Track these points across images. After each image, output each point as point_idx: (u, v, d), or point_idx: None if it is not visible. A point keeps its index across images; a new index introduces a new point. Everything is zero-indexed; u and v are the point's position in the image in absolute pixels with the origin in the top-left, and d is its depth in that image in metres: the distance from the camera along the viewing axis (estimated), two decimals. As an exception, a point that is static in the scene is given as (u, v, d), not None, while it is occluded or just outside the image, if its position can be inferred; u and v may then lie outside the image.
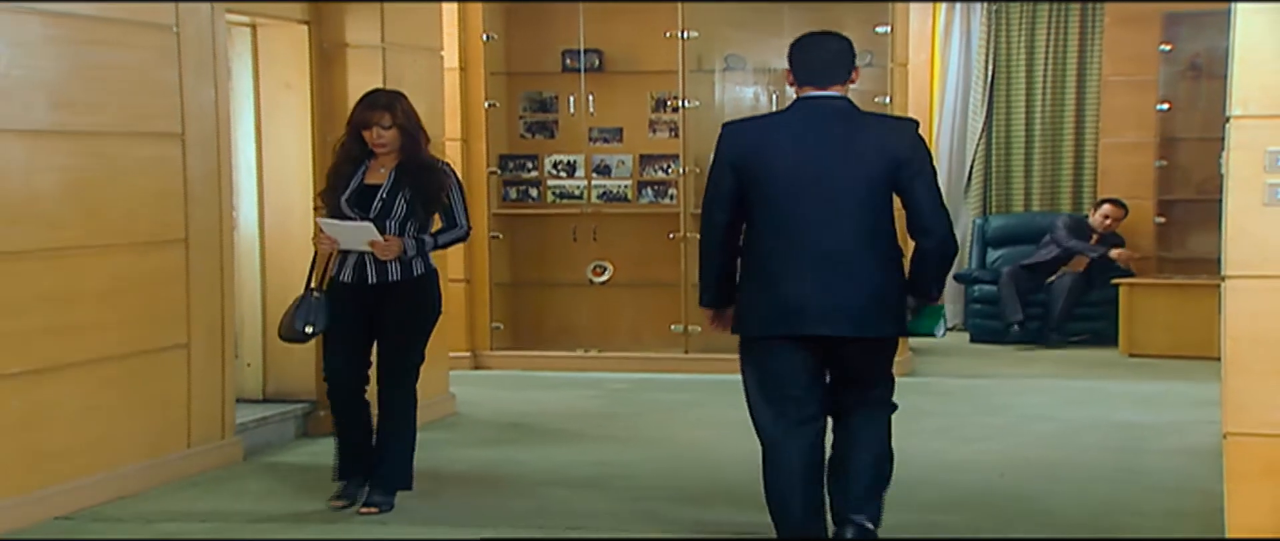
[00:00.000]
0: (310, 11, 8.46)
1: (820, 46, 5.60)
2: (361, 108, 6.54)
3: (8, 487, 6.25)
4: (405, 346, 6.62)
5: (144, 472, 6.96)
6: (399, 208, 6.47)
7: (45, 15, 6.42)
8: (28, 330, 6.31)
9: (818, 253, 5.35)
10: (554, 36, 11.38)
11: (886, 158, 5.38)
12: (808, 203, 5.37)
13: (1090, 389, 10.18)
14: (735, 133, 5.58)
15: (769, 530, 6.29)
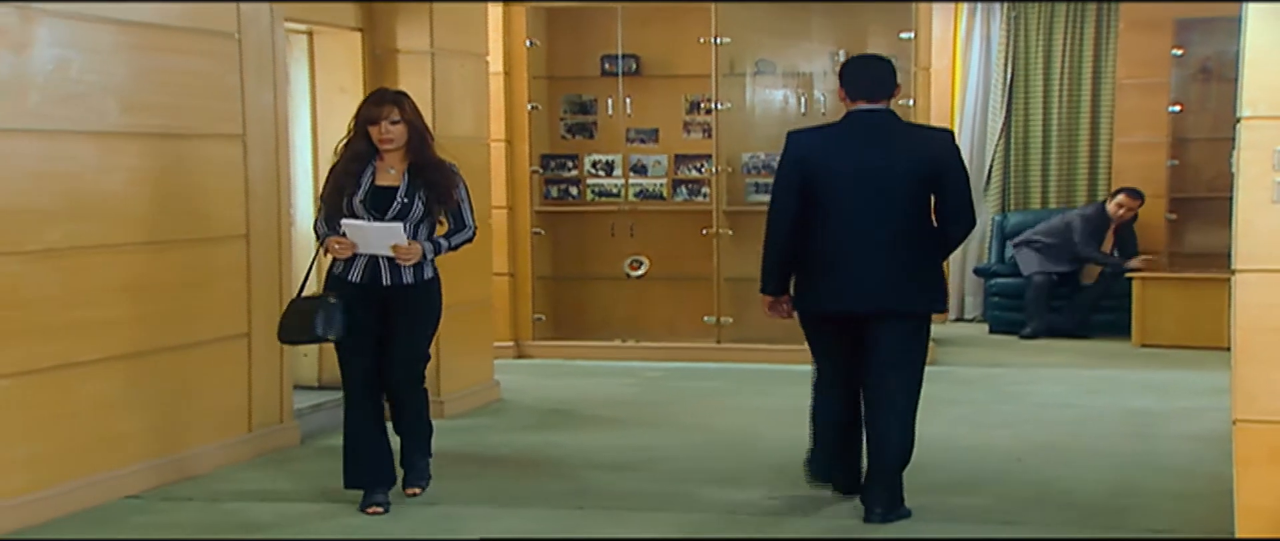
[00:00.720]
0: (363, 19, 8.49)
1: (869, 67, 6.31)
2: (369, 104, 6.29)
3: (83, 468, 6.32)
4: (418, 347, 6.42)
5: (209, 455, 7.02)
6: (417, 209, 6.22)
7: (117, 24, 6.46)
8: (101, 320, 6.38)
9: (869, 242, 6.03)
10: (593, 42, 11.40)
11: (926, 163, 6.10)
12: (860, 200, 6.04)
13: (1104, 377, 10.17)
14: (799, 139, 6.25)
15: (799, 510, 6.36)
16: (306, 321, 6.12)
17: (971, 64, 13.48)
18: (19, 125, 6.02)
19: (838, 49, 11.22)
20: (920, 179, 6.06)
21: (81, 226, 6.29)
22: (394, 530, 6.03)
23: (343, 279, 6.23)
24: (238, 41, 7.24)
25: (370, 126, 6.18)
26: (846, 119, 6.23)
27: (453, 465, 7.39)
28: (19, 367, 5.96)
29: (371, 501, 6.25)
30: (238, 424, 7.28)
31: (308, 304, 6.20)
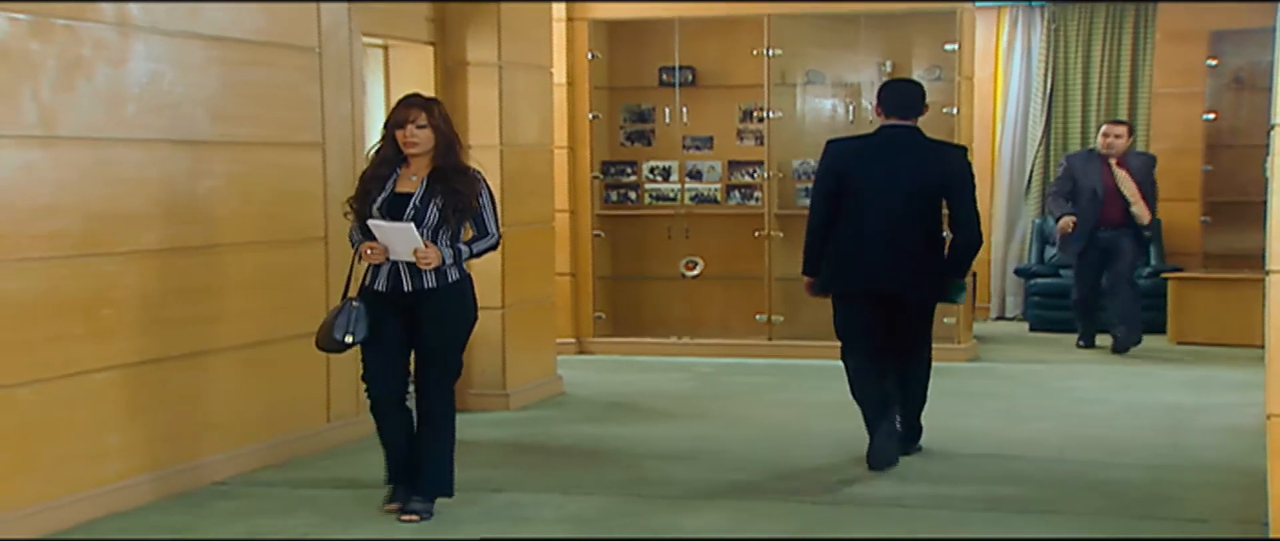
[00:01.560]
0: (435, 33, 8.54)
1: (903, 90, 7.15)
2: (398, 107, 5.94)
3: (175, 456, 6.41)
4: (443, 354, 5.96)
5: (289, 444, 7.10)
6: (431, 215, 5.81)
7: (207, 39, 6.54)
8: (191, 317, 6.46)
9: (888, 237, 6.84)
10: (652, 54, 11.44)
11: (940, 175, 6.95)
12: (883, 202, 6.85)
13: (1141, 373, 10.13)
14: (835, 147, 7.21)
15: (847, 499, 6.39)
16: (328, 327, 5.85)
17: (1013, 73, 13.44)
18: (117, 134, 6.10)
19: (884, 60, 11.23)
20: (933, 188, 6.93)
21: (173, 229, 6.37)
22: (465, 515, 6.07)
23: (370, 287, 5.91)
24: (318, 55, 7.29)
25: (397, 130, 5.86)
26: (879, 132, 7.05)
27: (519, 454, 7.47)
28: (117, 361, 6.05)
29: (397, 498, 6.04)
30: (316, 415, 7.35)
31: (332, 310, 5.95)
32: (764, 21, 10.98)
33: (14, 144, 5.63)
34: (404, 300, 5.85)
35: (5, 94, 5.57)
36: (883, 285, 6.88)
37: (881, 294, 6.89)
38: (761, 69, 11.05)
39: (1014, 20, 13.40)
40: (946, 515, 6.07)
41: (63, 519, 5.85)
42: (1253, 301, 11.52)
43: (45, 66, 5.74)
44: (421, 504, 5.94)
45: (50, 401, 5.81)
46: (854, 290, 6.95)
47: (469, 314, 6.04)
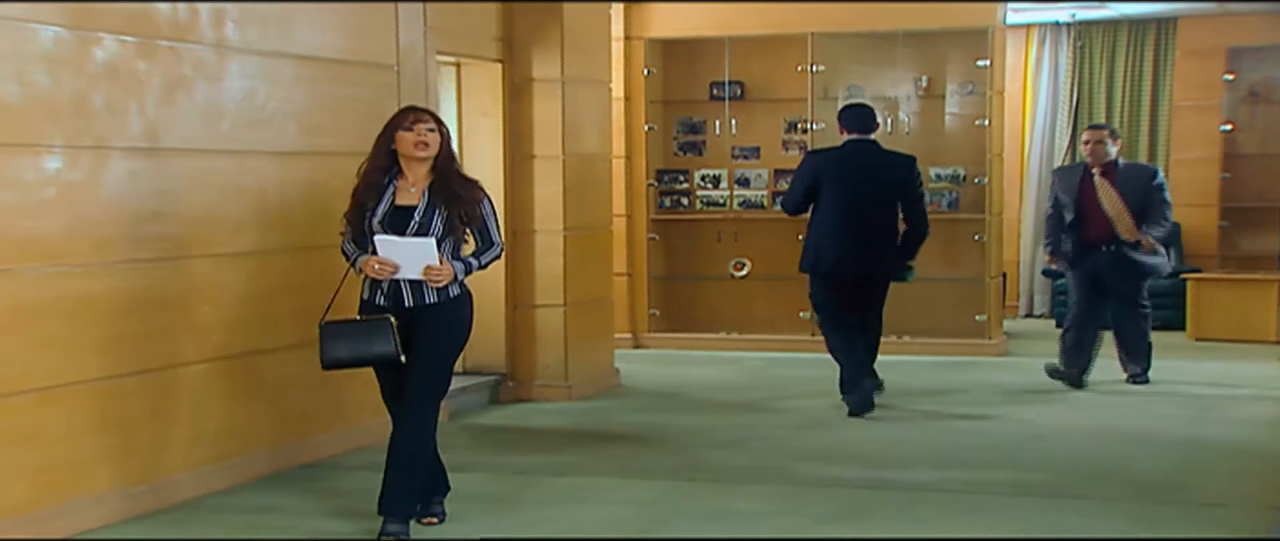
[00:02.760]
0: (504, 52, 8.61)
1: (861, 112, 8.32)
2: (404, 113, 5.44)
3: (267, 440, 6.49)
4: (438, 367, 5.43)
5: (373, 429, 7.09)
6: (436, 227, 5.31)
7: (296, 58, 6.62)
8: (279, 312, 6.52)
9: (855, 229, 7.99)
10: (703, 70, 11.48)
11: (896, 180, 8.14)
12: (850, 201, 8.00)
13: (1161, 367, 10.04)
14: (814, 156, 8.41)
15: (886, 484, 6.39)
16: (364, 343, 5.30)
17: (1041, 88, 13.41)
18: (214, 146, 6.18)
19: (921, 75, 11.23)
20: (890, 191, 8.10)
21: (264, 233, 6.45)
22: (528, 497, 6.12)
23: (370, 302, 5.39)
24: (397, 73, 7.36)
25: (404, 133, 5.32)
26: (846, 145, 8.17)
27: (580, 441, 7.52)
28: (214, 354, 6.14)
29: (387, 530, 5.32)
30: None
31: (368, 327, 5.32)
32: (808, 40, 11.01)
33: (122, 155, 5.72)
34: (405, 315, 5.33)
35: (115, 109, 5.67)
36: (851, 267, 8.06)
37: (850, 274, 8.06)
38: (805, 84, 11.08)
39: (1042, 38, 13.36)
40: (980, 499, 6.07)
41: (167, 497, 5.95)
42: (1268, 300, 11.55)
43: (151, 84, 5.83)
44: (436, 507, 5.62)
45: (154, 390, 5.91)
46: (828, 270, 8.07)
47: (465, 329, 5.51)
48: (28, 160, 5.30)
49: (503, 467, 6.77)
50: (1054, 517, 5.72)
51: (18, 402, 5.27)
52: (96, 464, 5.63)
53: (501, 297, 8.76)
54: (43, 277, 5.37)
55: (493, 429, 7.86)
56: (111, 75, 5.64)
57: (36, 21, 5.30)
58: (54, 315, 5.42)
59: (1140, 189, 8.86)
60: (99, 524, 5.60)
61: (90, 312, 5.59)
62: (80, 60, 5.50)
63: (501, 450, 7.27)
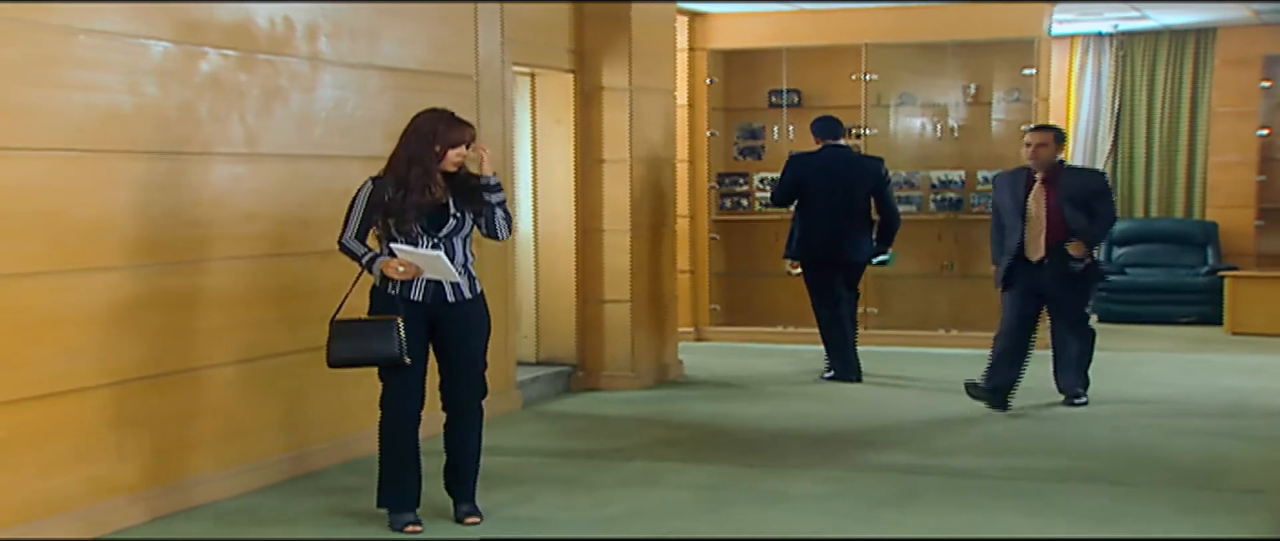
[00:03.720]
0: (575, 63, 8.65)
1: (831, 121, 9.03)
2: (451, 124, 5.16)
3: (361, 424, 6.45)
4: (482, 361, 5.30)
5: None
6: (465, 224, 5.20)
7: (382, 70, 6.68)
8: (364, 306, 6.59)
9: (836, 222, 8.78)
10: (762, 79, 11.48)
11: (869, 178, 8.89)
12: (830, 198, 8.77)
13: (1199, 360, 9.99)
14: (797, 159, 9.02)
15: (934, 469, 6.38)
16: (373, 343, 5.05)
17: (1084, 94, 13.30)
18: (308, 152, 6.26)
19: (969, 83, 11.19)
20: (864, 188, 8.83)
21: None
22: (600, 481, 6.14)
23: (402, 297, 5.13)
24: (476, 83, 7.41)
25: (452, 150, 5.10)
26: (823, 149, 8.92)
27: (647, 428, 7.54)
28: (305, 345, 6.17)
29: (407, 520, 5.22)
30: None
31: (374, 327, 5.08)
32: (862, 50, 10.99)
33: (224, 160, 5.82)
34: (438, 311, 5.15)
35: (218, 118, 5.76)
36: (834, 253, 8.85)
37: (834, 261, 8.85)
38: (860, 91, 11.05)
39: (1086, 48, 13.25)
40: (1024, 485, 6.05)
41: (272, 474, 6.05)
42: (1302, 297, 11.31)
43: (250, 94, 5.92)
44: (472, 506, 5.36)
45: (251, 378, 6.00)
46: (816, 259, 8.89)
47: (488, 322, 5.37)
48: (139, 165, 5.41)
49: (574, 452, 6.82)
50: (1096, 502, 5.69)
51: (130, 389, 5.38)
52: (204, 445, 5.74)
53: (573, 293, 8.81)
54: (149, 274, 5.47)
55: (565, 416, 7.91)
56: (215, 86, 5.73)
57: (148, 37, 5.40)
58: (160, 308, 5.52)
59: (1084, 195, 7.59)
60: (213, 499, 5.71)
61: (194, 306, 5.69)
62: (187, 72, 5.60)
63: (573, 436, 7.31)
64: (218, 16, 5.74)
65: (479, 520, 5.33)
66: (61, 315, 5.08)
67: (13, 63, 4.86)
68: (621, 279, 8.81)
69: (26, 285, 4.95)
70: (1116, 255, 12.76)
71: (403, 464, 5.23)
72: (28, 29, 4.92)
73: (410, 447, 5.24)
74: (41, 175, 4.99)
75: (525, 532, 5.29)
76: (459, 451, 5.33)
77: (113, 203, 5.30)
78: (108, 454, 5.30)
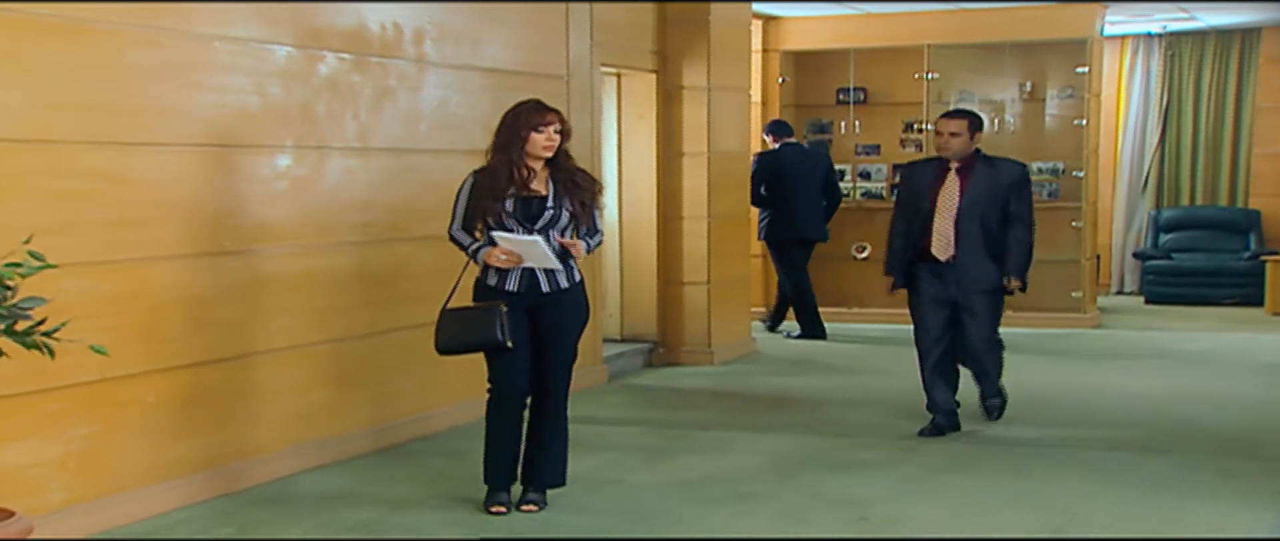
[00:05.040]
0: (658, 63, 8.67)
1: (783, 123, 10.08)
2: (533, 110, 4.91)
3: (452, 396, 6.55)
4: (573, 349, 5.05)
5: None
6: (563, 216, 4.91)
7: (482, 71, 6.72)
8: (466, 287, 6.65)
9: (802, 207, 9.79)
10: (831, 78, 11.42)
11: (822, 168, 9.95)
12: (796, 185, 9.75)
13: (1241, 339, 9.82)
14: (763, 157, 9.81)
15: (990, 440, 6.33)
16: (478, 329, 4.83)
17: (1134, 91, 13.10)
18: (414, 146, 6.32)
19: (1025, 81, 11.07)
20: (823, 175, 9.88)
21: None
22: (677, 447, 6.16)
23: (499, 288, 4.93)
24: (567, 82, 7.45)
25: (535, 133, 4.85)
26: (782, 147, 9.87)
27: (722, 400, 7.56)
28: (411, 323, 6.26)
29: (497, 500, 4.99)
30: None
31: (478, 313, 4.88)
32: (924, 51, 10.90)
33: (339, 154, 5.90)
34: (536, 300, 4.93)
35: (334, 115, 5.85)
36: (805, 233, 9.86)
37: (804, 239, 9.85)
38: (922, 89, 10.96)
39: (1135, 47, 13.04)
40: (1076, 453, 6.00)
41: (386, 438, 6.14)
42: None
43: (363, 94, 6.00)
44: (537, 494, 5.06)
45: (362, 353, 6.08)
46: (792, 238, 9.83)
47: (587, 312, 5.11)
48: (264, 159, 5.51)
49: (656, 422, 6.85)
50: (1143, 470, 5.64)
51: (254, 361, 5.48)
52: (322, 413, 5.84)
53: (654, 275, 8.84)
54: (274, 256, 5.56)
55: (647, 389, 7.94)
56: (331, 87, 5.81)
57: (273, 42, 5.50)
58: (283, 288, 5.61)
59: (1000, 190, 6.28)
60: (329, 460, 5.80)
61: (312, 286, 5.78)
62: (307, 74, 5.68)
63: (654, 407, 7.35)
64: (335, 23, 5.82)
65: (536, 509, 4.99)
66: (194, 294, 5.19)
67: (156, 67, 4.97)
68: (699, 262, 8.82)
69: (165, 267, 5.06)
70: (1163, 240, 12.59)
71: (502, 445, 5.01)
72: (170, 36, 5.03)
73: (511, 430, 5.01)
74: (178, 168, 5.10)
75: (609, 496, 5.32)
76: (536, 437, 5.07)
77: (240, 193, 5.39)
78: (235, 420, 5.41)
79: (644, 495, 5.31)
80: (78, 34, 4.66)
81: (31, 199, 4.47)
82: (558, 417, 5.07)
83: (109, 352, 3.99)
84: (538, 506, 5.02)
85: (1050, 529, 4.77)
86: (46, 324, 3.75)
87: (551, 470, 5.07)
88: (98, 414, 4.78)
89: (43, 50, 4.54)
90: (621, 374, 8.31)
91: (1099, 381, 7.99)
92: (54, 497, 4.63)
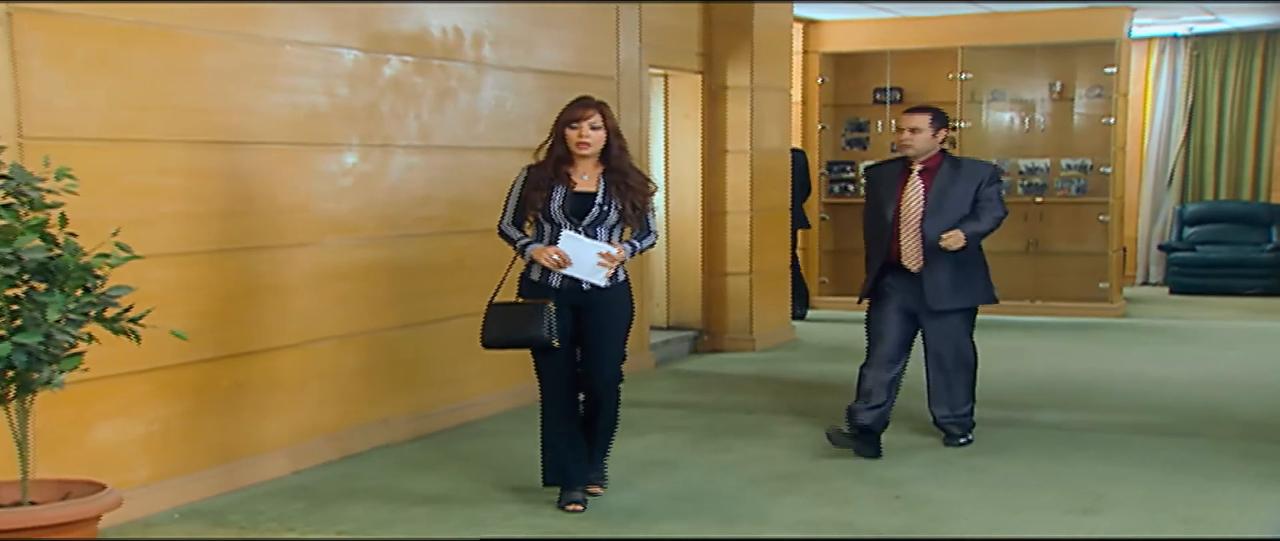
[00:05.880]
0: (703, 65, 8.65)
1: None
2: (573, 107, 4.68)
3: (514, 379, 6.52)
4: (620, 347, 4.78)
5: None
6: (612, 215, 4.64)
7: (537, 73, 6.75)
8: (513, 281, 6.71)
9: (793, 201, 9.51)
10: (868, 79, 11.36)
11: (800, 164, 9.87)
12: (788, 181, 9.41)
13: (1263, 327, 9.69)
14: None
15: (1021, 422, 6.27)
16: (525, 326, 4.60)
17: (1160, 90, 12.96)
18: (473, 144, 6.35)
19: (1055, 81, 10.97)
20: (800, 172, 9.85)
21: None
22: (722, 428, 6.15)
23: (542, 284, 4.68)
24: (616, 82, 7.46)
25: (568, 130, 4.63)
26: None
27: (764, 385, 7.55)
28: (470, 310, 6.26)
29: (571, 499, 4.75)
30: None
31: (527, 310, 4.63)
32: (958, 52, 10.83)
33: (402, 151, 5.94)
34: (578, 298, 4.66)
35: (397, 115, 5.89)
36: (796, 225, 9.78)
37: (793, 229, 9.69)
38: (955, 89, 10.88)
39: (1162, 48, 12.89)
40: (1103, 436, 5.96)
41: (447, 419, 6.20)
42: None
43: (425, 95, 6.04)
44: (599, 477, 4.92)
45: (427, 339, 6.12)
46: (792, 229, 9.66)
47: (631, 310, 4.83)
48: (332, 156, 5.56)
49: (701, 406, 6.85)
50: (1169, 453, 5.58)
51: (320, 347, 5.54)
52: (382, 395, 5.89)
53: (699, 267, 8.84)
54: (339, 248, 5.62)
55: (692, 374, 7.94)
56: (395, 88, 5.85)
57: (341, 46, 5.55)
58: (348, 277, 5.66)
59: (968, 193, 5.50)
60: (395, 440, 5.86)
61: (376, 276, 5.83)
62: (372, 76, 5.72)
63: (699, 391, 7.35)
64: (399, 28, 5.86)
65: (600, 490, 4.88)
66: (266, 283, 5.25)
67: (233, 70, 5.03)
68: (742, 255, 8.81)
69: (239, 257, 5.13)
70: (1187, 233, 12.46)
71: (561, 444, 4.77)
72: (246, 41, 5.08)
73: (568, 430, 4.77)
74: (253, 164, 5.16)
75: (656, 475, 5.33)
76: (591, 432, 4.83)
77: (309, 188, 5.45)
78: (304, 401, 5.47)
79: (689, 475, 5.32)
80: (160, 39, 4.72)
81: (118, 194, 4.53)
82: (609, 414, 4.81)
83: (188, 338, 4.05)
84: (602, 487, 4.90)
85: (1078, 510, 4.74)
86: (133, 311, 3.82)
87: (601, 459, 4.93)
88: (178, 396, 4.85)
89: (128, 55, 4.60)
90: (668, 360, 8.32)
91: (1126, 368, 7.91)
92: (140, 473, 4.71)
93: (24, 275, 3.64)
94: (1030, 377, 7.59)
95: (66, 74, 4.38)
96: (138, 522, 4.57)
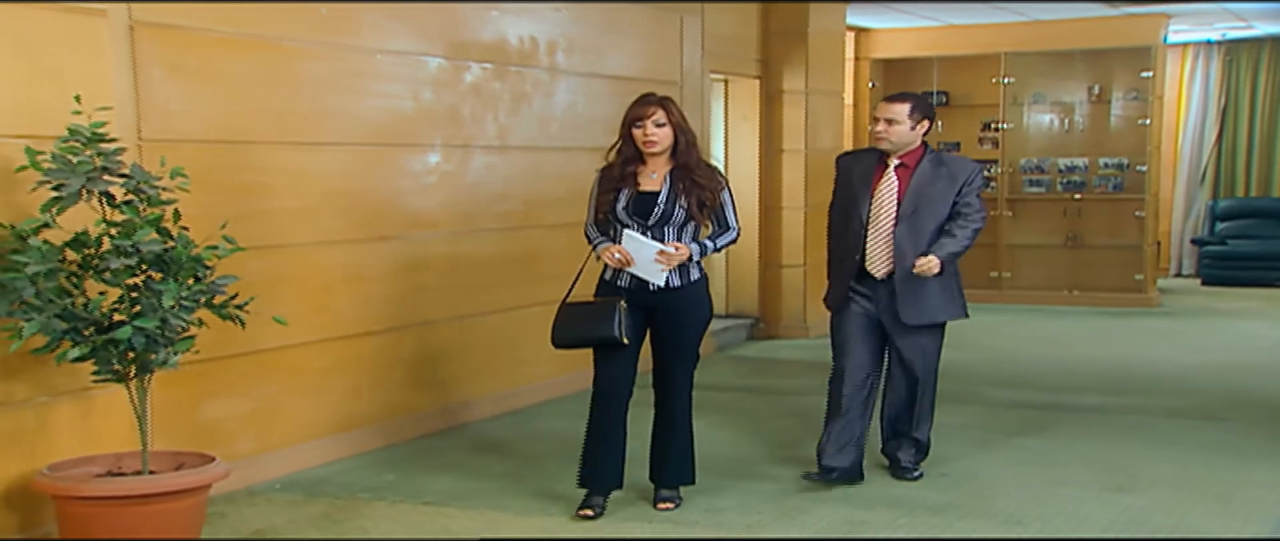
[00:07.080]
0: (761, 70, 8.61)
1: None
2: (636, 105, 4.31)
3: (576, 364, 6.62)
4: (693, 347, 4.38)
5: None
6: (677, 214, 4.24)
7: (606, 78, 6.74)
8: (593, 269, 6.68)
9: None
10: (916, 83, 11.19)
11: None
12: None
13: (1294, 320, 9.48)
14: None
15: (1060, 405, 6.18)
16: (596, 325, 4.24)
17: (1194, 93, 12.69)
18: (547, 145, 6.37)
19: (1093, 84, 10.80)
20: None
21: (581, 210, 6.44)
22: (779, 411, 6.12)
23: (611, 284, 4.35)
24: (680, 87, 7.43)
25: (634, 129, 4.27)
26: None
27: (817, 370, 7.37)
28: (546, 299, 6.26)
29: (587, 504, 4.35)
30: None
31: (598, 309, 4.28)
32: (1001, 58, 10.68)
33: (481, 151, 5.96)
34: (648, 298, 4.29)
35: (477, 118, 5.92)
36: None
37: None
38: (999, 92, 10.74)
39: (1196, 54, 12.62)
40: (1139, 419, 5.86)
41: (521, 400, 6.21)
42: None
43: (502, 98, 6.06)
44: (671, 492, 4.45)
45: (502, 326, 6.14)
46: None
47: (706, 311, 4.40)
48: (417, 156, 5.60)
49: (758, 389, 6.84)
50: (1201, 435, 5.48)
51: (408, 333, 5.57)
52: (461, 378, 5.92)
53: (757, 259, 8.81)
54: (424, 241, 5.65)
55: (749, 359, 7.91)
56: (475, 93, 5.87)
57: (426, 54, 5.58)
58: (432, 268, 5.69)
59: (946, 194, 4.63)
60: (473, 419, 5.89)
61: (458, 267, 5.85)
62: (454, 82, 5.75)
63: (757, 375, 7.33)
64: (479, 37, 5.89)
65: (672, 507, 4.40)
66: (356, 274, 5.29)
67: (327, 76, 5.08)
68: (796, 248, 8.76)
69: (332, 250, 5.18)
70: (1219, 228, 12.21)
71: (603, 446, 4.34)
72: (340, 51, 5.13)
73: (612, 431, 4.34)
74: (344, 164, 5.21)
75: (714, 453, 5.31)
76: (661, 437, 4.44)
77: (396, 186, 5.49)
78: (391, 382, 5.51)
79: (745, 452, 5.30)
80: (261, 49, 4.78)
81: (223, 191, 4.60)
82: (681, 417, 4.40)
83: (287, 323, 4.10)
84: (673, 504, 4.41)
85: (1114, 487, 4.66)
86: (237, 299, 3.88)
87: (677, 469, 4.44)
88: (277, 376, 4.92)
89: (232, 64, 4.67)
90: (727, 346, 8.30)
91: (1159, 355, 7.76)
92: (244, 447, 4.77)
93: (142, 265, 3.72)
94: (1070, 364, 7.48)
95: (180, 81, 4.46)
96: (243, 492, 4.65)
